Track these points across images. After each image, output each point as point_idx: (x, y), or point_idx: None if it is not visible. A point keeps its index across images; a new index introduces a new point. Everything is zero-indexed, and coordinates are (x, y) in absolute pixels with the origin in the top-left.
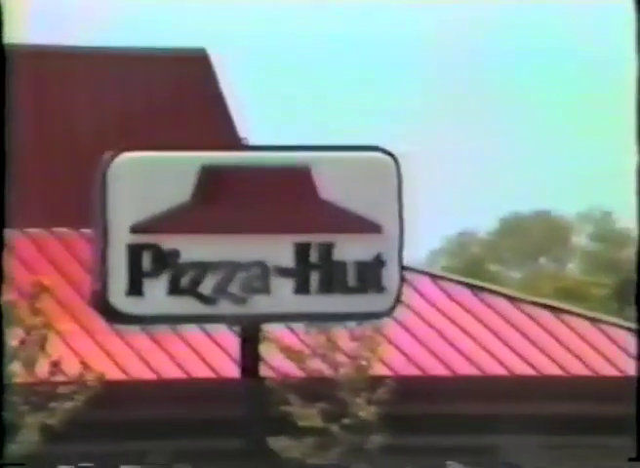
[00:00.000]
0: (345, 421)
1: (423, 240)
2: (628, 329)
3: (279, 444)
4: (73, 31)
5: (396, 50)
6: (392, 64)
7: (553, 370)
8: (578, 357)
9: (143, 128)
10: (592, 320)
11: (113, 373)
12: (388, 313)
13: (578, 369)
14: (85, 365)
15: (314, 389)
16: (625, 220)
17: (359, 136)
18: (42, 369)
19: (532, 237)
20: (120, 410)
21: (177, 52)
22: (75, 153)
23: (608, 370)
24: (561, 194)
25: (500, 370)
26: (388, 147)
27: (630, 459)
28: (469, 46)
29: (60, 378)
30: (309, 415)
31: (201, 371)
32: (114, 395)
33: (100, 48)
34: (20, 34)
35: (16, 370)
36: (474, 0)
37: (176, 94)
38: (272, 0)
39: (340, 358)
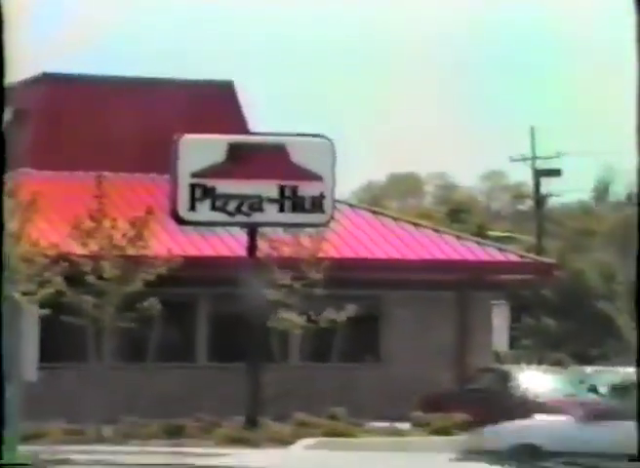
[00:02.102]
0: (304, 281)
1: (346, 185)
2: (456, 236)
3: (268, 292)
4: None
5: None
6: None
7: (412, 257)
8: (426, 244)
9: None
10: (436, 231)
11: (178, 252)
12: (326, 224)
13: (428, 256)
14: (167, 248)
15: (286, 264)
16: (455, 178)
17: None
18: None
19: (404, 186)
20: (179, 272)
21: (206, 83)
22: (134, 143)
23: (440, 256)
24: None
25: (382, 256)
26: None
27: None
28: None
29: (150, 254)
30: (284, 277)
31: (225, 252)
32: (179, 266)
33: (141, 78)
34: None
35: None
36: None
37: (204, 114)
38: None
39: (300, 248)
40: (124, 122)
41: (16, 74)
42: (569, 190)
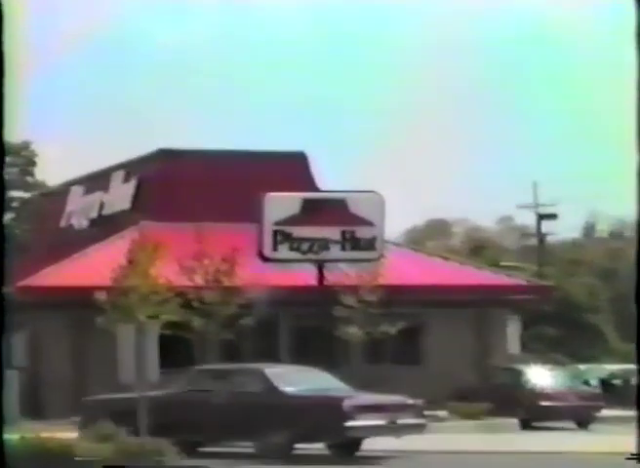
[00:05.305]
0: (362, 302)
1: (394, 229)
2: (476, 266)
3: (334, 311)
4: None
5: None
6: None
7: (444, 283)
8: (453, 273)
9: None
10: (460, 263)
11: (261, 282)
12: (378, 260)
13: (455, 282)
14: (252, 278)
15: (349, 290)
16: (475, 222)
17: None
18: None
19: (436, 229)
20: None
21: (285, 153)
22: (228, 200)
23: (465, 282)
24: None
25: (421, 283)
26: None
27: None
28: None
29: (237, 283)
30: (348, 300)
31: (300, 282)
32: (266, 292)
33: (232, 151)
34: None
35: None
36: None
37: (284, 177)
38: None
39: (360, 277)
40: (219, 184)
41: (136, 150)
42: (564, 230)
